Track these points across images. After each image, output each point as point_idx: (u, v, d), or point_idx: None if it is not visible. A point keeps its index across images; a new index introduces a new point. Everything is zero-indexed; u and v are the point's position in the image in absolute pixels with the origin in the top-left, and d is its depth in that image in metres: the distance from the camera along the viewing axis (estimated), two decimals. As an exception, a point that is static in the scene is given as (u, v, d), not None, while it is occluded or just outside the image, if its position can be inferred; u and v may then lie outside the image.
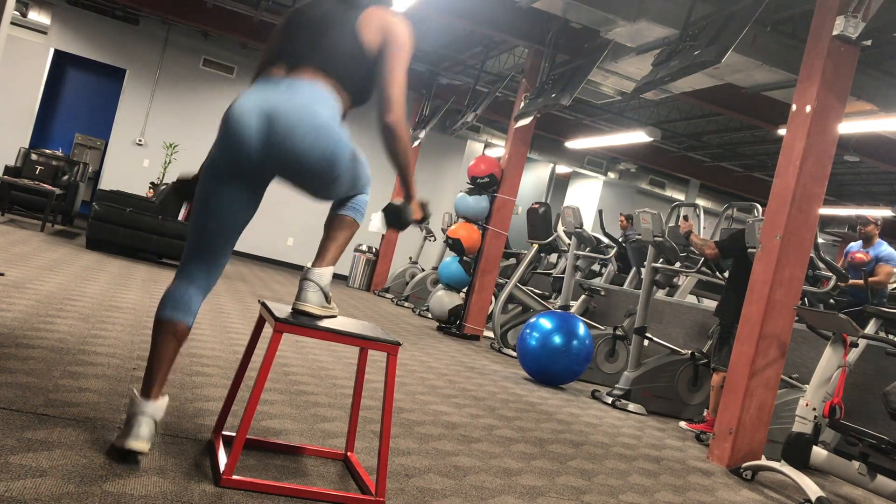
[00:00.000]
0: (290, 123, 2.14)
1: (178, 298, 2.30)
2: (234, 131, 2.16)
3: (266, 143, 2.15)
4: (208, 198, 2.29)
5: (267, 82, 2.26)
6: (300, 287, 2.32)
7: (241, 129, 2.15)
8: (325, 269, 2.36)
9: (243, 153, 2.18)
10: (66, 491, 1.89)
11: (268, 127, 2.14)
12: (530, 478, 3.07)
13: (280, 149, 2.16)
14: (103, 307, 4.68)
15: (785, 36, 6.28)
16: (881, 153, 9.52)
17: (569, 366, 5.78)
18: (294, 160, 2.18)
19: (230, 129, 2.17)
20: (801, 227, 4.29)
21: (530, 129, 8.14)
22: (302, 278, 2.35)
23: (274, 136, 2.14)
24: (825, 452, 3.83)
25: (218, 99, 12.33)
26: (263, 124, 2.14)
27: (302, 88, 2.22)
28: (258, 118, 2.15)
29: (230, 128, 2.17)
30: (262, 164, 2.21)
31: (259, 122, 2.14)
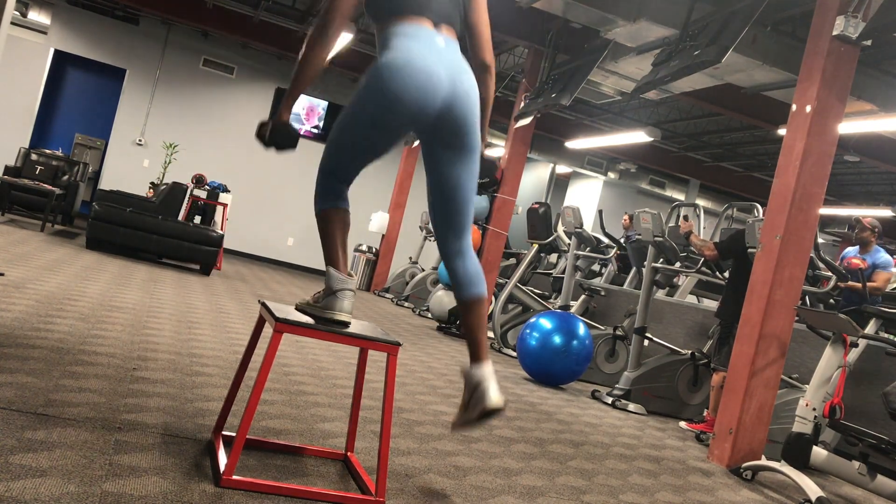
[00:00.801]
0: (471, 83, 2.28)
1: (335, 191, 2.37)
2: (421, 87, 2.18)
3: (450, 101, 2.23)
4: (359, 142, 2.30)
5: (428, 38, 2.25)
6: (490, 382, 2.37)
7: (431, 86, 2.19)
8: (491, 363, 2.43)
9: (427, 108, 2.21)
10: (66, 491, 1.89)
11: (454, 86, 2.23)
12: (530, 478, 3.07)
13: (461, 106, 2.25)
14: (103, 307, 4.68)
15: (785, 36, 6.28)
16: (881, 153, 9.52)
17: (569, 366, 5.78)
18: (468, 117, 2.28)
19: (416, 84, 2.18)
20: (801, 227, 4.29)
21: (530, 129, 8.14)
22: (483, 378, 2.38)
23: (460, 94, 2.24)
24: (825, 452, 3.83)
25: (218, 99, 12.34)
26: (451, 83, 2.22)
27: (458, 51, 2.31)
28: (447, 76, 2.22)
29: (416, 82, 2.18)
30: (437, 118, 2.25)
31: (448, 80, 2.22)
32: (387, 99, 2.20)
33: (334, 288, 2.35)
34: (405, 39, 2.22)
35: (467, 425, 2.37)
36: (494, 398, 2.31)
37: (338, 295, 2.35)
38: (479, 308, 2.44)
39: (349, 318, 2.36)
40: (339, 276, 2.36)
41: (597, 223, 8.84)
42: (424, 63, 2.19)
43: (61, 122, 13.56)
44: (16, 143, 10.93)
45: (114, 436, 2.37)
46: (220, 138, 12.27)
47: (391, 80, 2.19)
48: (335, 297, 2.35)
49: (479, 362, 2.38)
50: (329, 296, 2.35)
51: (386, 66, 2.20)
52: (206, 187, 9.82)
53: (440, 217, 2.45)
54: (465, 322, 2.46)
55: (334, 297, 2.35)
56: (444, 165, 2.37)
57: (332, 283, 2.36)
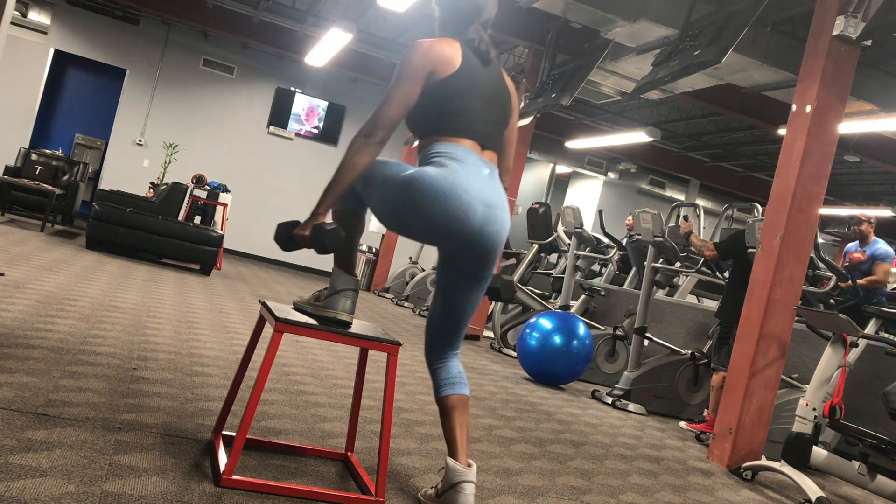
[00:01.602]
0: (504, 219, 2.28)
1: (357, 195, 2.39)
2: (461, 219, 2.16)
3: (480, 232, 2.21)
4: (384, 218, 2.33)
5: (475, 166, 2.23)
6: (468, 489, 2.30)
7: (468, 219, 2.17)
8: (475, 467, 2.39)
9: (460, 236, 2.20)
10: (66, 491, 1.89)
11: (487, 220, 2.21)
12: (530, 478, 3.07)
13: (490, 239, 2.24)
14: (103, 307, 4.68)
15: (785, 36, 6.28)
16: (881, 153, 9.53)
17: (569, 366, 5.78)
18: (494, 249, 2.29)
19: (455, 216, 2.16)
20: (801, 227, 4.29)
21: (530, 129, 8.14)
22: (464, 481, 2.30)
23: (491, 228, 2.23)
24: (825, 452, 3.83)
25: (218, 99, 12.34)
26: (485, 217, 2.20)
27: (499, 181, 2.32)
28: (482, 209, 2.20)
29: (456, 214, 2.15)
30: (467, 244, 2.24)
31: (483, 213, 2.20)
32: (417, 213, 2.17)
33: (338, 287, 2.36)
34: (453, 162, 2.19)
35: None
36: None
37: (341, 294, 2.35)
38: (464, 409, 2.41)
39: (351, 318, 2.37)
40: (344, 276, 2.36)
41: (597, 223, 8.84)
42: (467, 195, 2.16)
43: (61, 122, 13.56)
44: (16, 143, 10.93)
45: (114, 436, 2.37)
46: (220, 138, 12.27)
47: (429, 200, 2.14)
48: (338, 297, 2.35)
49: (457, 462, 2.32)
50: (332, 295, 2.35)
51: (430, 182, 2.14)
52: (206, 187, 9.81)
53: (438, 328, 2.46)
54: (448, 424, 2.37)
55: (337, 297, 2.35)
56: (457, 287, 2.40)
57: (337, 283, 2.37)
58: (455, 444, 2.35)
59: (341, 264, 2.39)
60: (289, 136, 12.61)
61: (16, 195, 9.29)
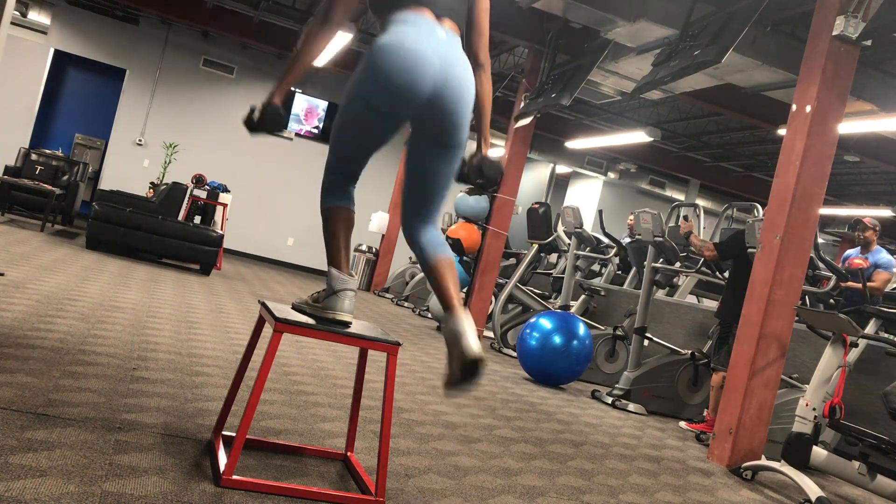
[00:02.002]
0: (465, 77, 2.25)
1: (344, 190, 2.41)
2: (410, 69, 2.16)
3: (439, 90, 2.20)
4: (356, 126, 2.31)
5: (428, 26, 2.23)
6: (465, 327, 2.18)
7: (420, 70, 2.17)
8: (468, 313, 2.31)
9: (415, 93, 2.19)
10: (66, 491, 1.89)
11: (445, 76, 2.20)
12: (530, 478, 3.07)
13: (450, 97, 2.22)
14: (103, 307, 4.68)
15: (785, 36, 6.28)
16: (881, 153, 9.52)
17: (569, 366, 5.78)
18: (457, 111, 2.25)
19: (405, 67, 2.16)
20: (801, 227, 4.29)
21: (530, 129, 8.14)
22: (459, 329, 2.18)
23: (451, 84, 2.21)
24: (825, 452, 3.83)
25: (218, 99, 12.34)
26: (442, 72, 2.20)
27: (458, 45, 2.29)
28: (439, 64, 2.19)
29: (405, 65, 2.16)
30: (425, 106, 2.22)
31: (440, 67, 2.19)
32: (378, 77, 2.19)
33: (336, 288, 2.35)
34: (403, 25, 2.22)
35: (456, 387, 2.15)
36: (472, 348, 2.11)
37: (339, 295, 2.35)
38: (449, 267, 2.33)
39: (350, 318, 2.36)
40: (340, 276, 2.36)
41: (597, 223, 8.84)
42: (417, 46, 2.18)
43: (61, 122, 13.56)
44: (16, 143, 10.93)
45: (114, 436, 2.37)
46: (220, 138, 12.27)
47: (382, 59, 2.18)
48: (336, 297, 2.35)
49: (453, 311, 2.20)
50: (330, 296, 2.35)
51: (378, 46, 2.20)
52: (206, 187, 9.81)
53: (410, 203, 2.43)
54: (435, 283, 2.30)
55: (335, 297, 2.35)
56: (425, 158, 2.36)
57: (334, 283, 2.36)
58: (446, 293, 2.28)
59: (335, 263, 2.38)
60: (289, 136, 12.61)
61: (16, 195, 9.29)
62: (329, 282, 2.37)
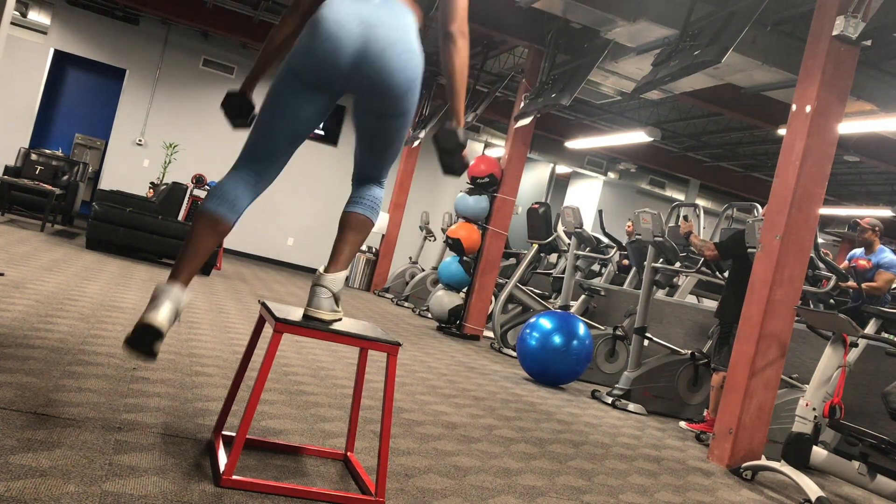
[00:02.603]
0: (390, 39, 2.13)
1: (227, 194, 2.24)
2: (330, 36, 2.10)
3: (360, 54, 2.11)
4: (281, 101, 2.21)
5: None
6: (312, 293, 2.28)
7: (339, 35, 2.10)
8: (338, 275, 2.30)
9: (336, 60, 2.12)
10: (66, 491, 1.89)
11: (366, 38, 2.11)
12: (530, 478, 3.07)
13: (373, 61, 2.12)
14: (103, 307, 4.68)
15: (785, 36, 6.28)
16: (881, 153, 9.52)
17: (569, 366, 5.78)
18: (384, 76, 2.14)
19: (325, 34, 2.10)
20: (801, 227, 4.29)
21: (530, 129, 8.14)
22: (314, 284, 2.29)
23: (372, 47, 2.11)
24: (825, 452, 3.83)
25: (218, 99, 12.24)
26: (362, 34, 2.11)
27: (394, 7, 2.17)
28: (358, 27, 2.10)
29: (325, 32, 2.11)
30: (350, 74, 2.14)
31: (359, 31, 2.11)
32: (301, 47, 2.16)
33: (152, 295, 2.12)
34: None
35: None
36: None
37: (154, 301, 2.09)
38: (352, 227, 2.33)
39: (163, 324, 2.06)
40: (160, 285, 2.13)
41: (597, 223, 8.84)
42: (335, 14, 2.10)
43: (61, 122, 13.55)
44: (16, 143, 10.93)
45: (114, 436, 2.37)
46: (220, 138, 12.23)
47: (307, 30, 2.15)
48: (151, 302, 2.10)
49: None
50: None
51: (309, 21, 2.18)
52: (206, 187, 9.81)
53: (358, 159, 2.41)
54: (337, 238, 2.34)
55: (150, 302, 2.10)
56: (367, 127, 2.33)
57: (154, 292, 2.13)
58: (335, 255, 2.32)
59: (174, 275, 2.16)
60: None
61: (16, 195, 9.29)
62: (154, 292, 2.12)
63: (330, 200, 12.85)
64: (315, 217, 12.71)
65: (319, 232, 12.76)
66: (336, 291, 2.30)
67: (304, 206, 12.64)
